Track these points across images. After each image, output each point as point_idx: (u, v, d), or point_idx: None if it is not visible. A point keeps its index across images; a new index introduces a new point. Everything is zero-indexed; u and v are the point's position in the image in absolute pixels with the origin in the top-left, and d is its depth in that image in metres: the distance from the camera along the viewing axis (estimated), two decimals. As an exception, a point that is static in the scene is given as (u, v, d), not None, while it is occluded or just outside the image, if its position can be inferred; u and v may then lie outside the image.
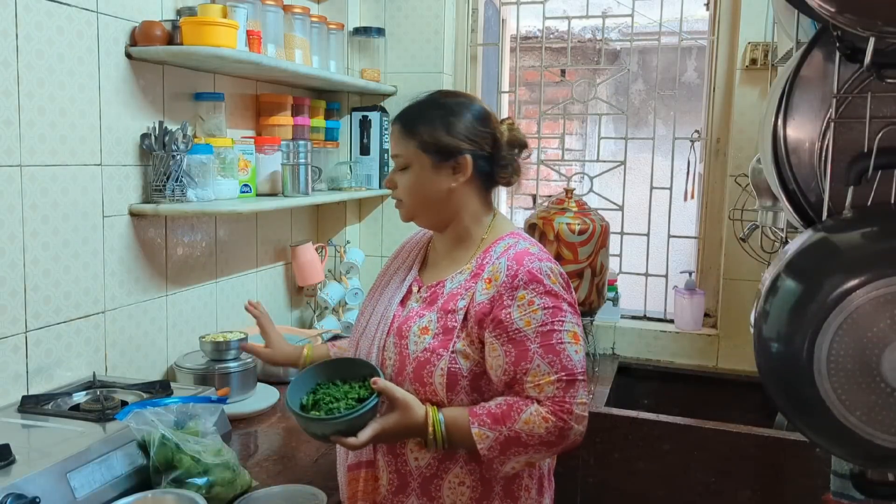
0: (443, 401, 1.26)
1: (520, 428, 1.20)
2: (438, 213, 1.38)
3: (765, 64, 2.45)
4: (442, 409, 1.26)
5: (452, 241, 1.41)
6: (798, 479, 1.99)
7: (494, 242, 1.36)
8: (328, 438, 1.22)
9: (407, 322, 1.33)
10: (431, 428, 1.23)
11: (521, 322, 1.23)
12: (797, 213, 1.21)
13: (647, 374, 2.67)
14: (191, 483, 1.36)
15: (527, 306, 1.24)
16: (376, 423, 1.22)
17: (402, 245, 1.55)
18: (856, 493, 1.25)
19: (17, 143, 1.53)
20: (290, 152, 2.24)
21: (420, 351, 1.28)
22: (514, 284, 1.25)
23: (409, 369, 1.28)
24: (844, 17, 0.99)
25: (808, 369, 1.03)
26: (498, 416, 1.21)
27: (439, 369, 1.25)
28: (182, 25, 1.79)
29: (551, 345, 1.23)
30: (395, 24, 2.75)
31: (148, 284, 1.91)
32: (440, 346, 1.27)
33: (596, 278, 2.44)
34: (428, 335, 1.29)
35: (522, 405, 1.22)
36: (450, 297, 1.31)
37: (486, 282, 1.29)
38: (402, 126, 1.37)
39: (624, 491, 2.18)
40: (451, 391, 1.26)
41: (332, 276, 2.74)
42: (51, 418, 1.47)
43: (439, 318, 1.30)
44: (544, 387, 1.21)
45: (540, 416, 1.20)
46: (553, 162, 2.98)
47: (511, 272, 1.27)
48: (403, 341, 1.31)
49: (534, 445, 1.21)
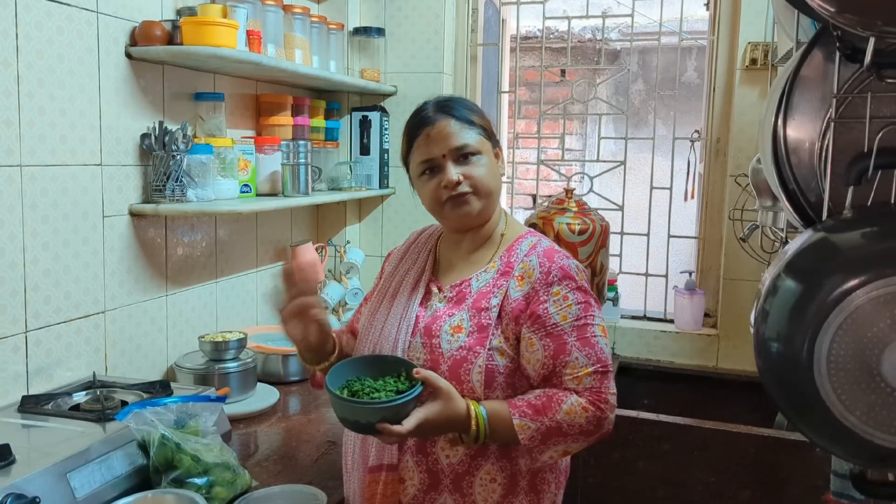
0: (479, 397, 1.27)
1: (561, 418, 1.23)
2: (496, 203, 1.41)
3: (765, 64, 2.45)
4: (482, 402, 1.27)
5: (476, 240, 1.41)
6: (798, 479, 1.99)
7: (517, 240, 1.39)
8: (373, 427, 1.18)
9: (435, 321, 1.33)
10: (475, 421, 1.23)
11: (558, 317, 1.27)
12: (797, 213, 1.21)
13: (647, 374, 2.67)
14: (191, 483, 1.36)
15: (562, 301, 1.28)
16: (420, 412, 1.21)
17: (406, 248, 1.53)
18: (856, 493, 1.25)
19: (17, 143, 1.53)
20: (290, 152, 2.24)
21: (455, 349, 1.28)
22: (549, 281, 1.30)
23: (444, 367, 1.28)
24: (844, 17, 0.99)
25: (808, 369, 1.03)
26: (539, 407, 1.24)
27: (477, 366, 1.27)
28: (182, 25, 1.79)
29: (586, 338, 1.27)
30: (395, 24, 2.75)
31: (148, 284, 1.91)
32: (476, 344, 1.28)
33: (596, 278, 2.44)
34: (462, 333, 1.29)
35: (562, 396, 1.25)
36: (480, 296, 1.33)
37: (519, 279, 1.32)
38: (456, 118, 1.36)
39: (624, 491, 2.18)
40: (488, 388, 1.27)
41: (332, 276, 2.74)
42: (51, 418, 1.47)
43: (472, 316, 1.31)
44: (583, 378, 1.25)
45: (580, 406, 1.24)
46: (553, 162, 2.98)
47: (544, 269, 1.31)
48: (434, 340, 1.31)
49: (573, 435, 1.24)
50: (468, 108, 1.39)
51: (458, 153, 1.34)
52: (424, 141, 1.36)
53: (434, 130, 1.35)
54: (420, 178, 1.39)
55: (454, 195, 1.34)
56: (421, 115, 1.39)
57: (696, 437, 2.09)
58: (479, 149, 1.36)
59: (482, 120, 1.40)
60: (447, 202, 1.35)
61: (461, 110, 1.37)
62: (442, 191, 1.35)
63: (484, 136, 1.38)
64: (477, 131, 1.37)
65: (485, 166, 1.36)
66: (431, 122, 1.36)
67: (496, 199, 1.40)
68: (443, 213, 1.38)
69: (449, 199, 1.35)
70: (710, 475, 2.08)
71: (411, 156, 1.40)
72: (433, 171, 1.36)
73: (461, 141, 1.34)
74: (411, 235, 1.57)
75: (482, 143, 1.37)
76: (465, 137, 1.35)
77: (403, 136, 1.42)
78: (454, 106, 1.38)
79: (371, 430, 1.19)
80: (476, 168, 1.35)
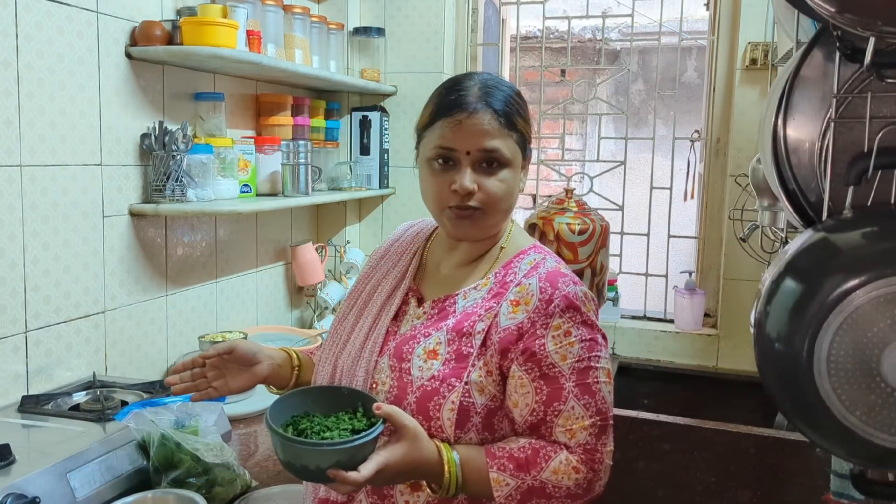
0: (449, 438, 1.07)
1: (546, 478, 1.05)
2: (506, 220, 1.21)
3: (765, 64, 2.45)
4: (453, 446, 1.07)
5: (473, 251, 1.21)
6: (798, 479, 1.99)
7: (517, 256, 1.18)
8: (324, 473, 0.97)
9: (408, 342, 1.13)
10: (447, 467, 1.04)
11: (557, 356, 1.08)
12: (797, 213, 1.21)
13: (647, 374, 2.67)
14: (191, 483, 1.36)
15: (563, 337, 1.08)
16: (380, 456, 1.00)
17: (387, 247, 1.32)
18: (856, 493, 1.25)
19: (17, 143, 1.53)
20: (290, 152, 2.24)
21: (427, 378, 1.08)
22: (550, 311, 1.09)
23: (411, 398, 1.08)
24: (844, 17, 0.99)
25: (808, 369, 1.03)
26: (521, 462, 1.05)
27: (449, 402, 1.07)
28: (182, 25, 1.79)
29: (587, 384, 1.08)
30: (395, 24, 2.75)
31: (148, 284, 1.91)
32: (452, 375, 1.08)
33: (596, 278, 2.44)
34: (437, 360, 1.10)
35: (551, 452, 1.06)
36: (464, 317, 1.13)
37: (513, 304, 1.11)
38: (499, 115, 1.12)
39: (624, 491, 2.17)
40: (460, 428, 1.07)
41: (332, 276, 2.74)
42: (51, 418, 1.47)
43: (450, 340, 1.11)
44: (577, 432, 1.07)
45: (571, 465, 1.06)
46: (553, 162, 2.98)
47: (545, 296, 1.10)
48: (405, 364, 1.11)
49: (558, 498, 1.06)
50: (516, 107, 1.15)
51: (485, 156, 1.12)
52: (453, 126, 1.12)
53: (469, 120, 1.11)
54: (430, 162, 1.15)
55: (461, 205, 1.13)
56: (461, 94, 1.13)
57: (696, 437, 2.09)
58: (510, 159, 1.14)
59: (525, 124, 1.17)
60: (451, 208, 1.14)
61: (509, 106, 1.14)
62: (450, 193, 1.13)
63: (520, 146, 1.15)
64: (515, 138, 1.14)
65: (507, 181, 1.14)
66: (470, 108, 1.11)
67: (507, 216, 1.20)
68: (441, 217, 1.17)
69: (454, 207, 1.13)
70: (710, 475, 2.08)
71: (428, 132, 1.16)
72: (448, 162, 1.13)
73: (493, 144, 1.11)
74: (396, 231, 1.35)
75: (515, 153, 1.15)
76: (500, 142, 1.12)
77: (429, 104, 1.18)
78: (503, 98, 1.14)
79: (321, 476, 0.97)
80: (496, 182, 1.13)
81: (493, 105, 1.12)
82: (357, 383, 1.13)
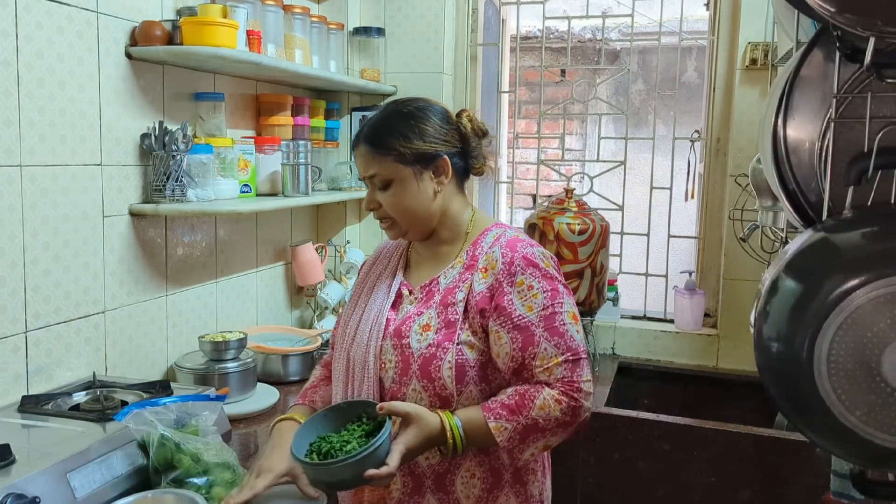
0: (452, 394, 1.26)
1: (536, 414, 1.22)
2: (429, 221, 1.38)
3: (765, 64, 2.45)
4: (455, 411, 1.25)
5: (438, 243, 1.41)
6: (798, 479, 1.99)
7: (482, 234, 1.38)
8: (361, 478, 1.12)
9: (405, 323, 1.32)
10: (450, 433, 1.22)
11: (524, 308, 1.26)
12: (797, 213, 1.21)
13: (647, 374, 2.67)
14: (191, 483, 1.35)
15: (527, 291, 1.27)
16: (399, 445, 1.18)
17: (378, 252, 1.54)
18: (856, 493, 1.25)
19: (17, 143, 1.53)
20: (290, 152, 2.24)
21: (424, 347, 1.27)
22: (512, 271, 1.28)
23: (414, 367, 1.28)
24: (844, 17, 0.99)
25: (808, 369, 1.03)
26: (512, 407, 1.23)
27: (447, 362, 1.26)
28: (182, 25, 1.79)
29: (555, 327, 1.26)
30: (395, 24, 2.75)
31: (148, 284, 1.91)
32: (445, 340, 1.27)
33: (596, 278, 2.44)
34: (430, 331, 1.29)
35: (534, 392, 1.23)
36: (447, 292, 1.32)
37: (482, 271, 1.31)
38: (371, 144, 1.34)
39: (624, 491, 2.18)
40: (460, 383, 1.27)
41: (332, 276, 2.74)
42: (51, 418, 1.47)
43: (439, 313, 1.30)
44: (553, 369, 1.24)
45: (553, 398, 1.22)
46: (553, 162, 2.98)
47: (507, 259, 1.29)
48: (404, 341, 1.30)
49: (551, 429, 1.23)
50: (394, 130, 1.33)
51: (371, 180, 1.36)
52: (356, 159, 1.39)
53: (357, 154, 1.37)
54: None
55: (378, 218, 1.40)
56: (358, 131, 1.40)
57: (696, 437, 2.09)
58: (391, 176, 1.33)
59: (406, 142, 1.32)
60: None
61: (380, 136, 1.33)
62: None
63: (404, 161, 1.32)
64: (393, 157, 1.32)
65: (397, 195, 1.34)
66: (355, 144, 1.38)
67: (430, 218, 1.37)
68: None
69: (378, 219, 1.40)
70: (710, 475, 2.08)
71: None
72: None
73: (370, 170, 1.34)
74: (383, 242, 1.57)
75: (397, 170, 1.32)
76: (371, 167, 1.34)
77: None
78: (373, 131, 1.35)
79: (359, 481, 1.13)
80: (388, 198, 1.34)
81: (366, 138, 1.35)
82: (368, 367, 1.32)
